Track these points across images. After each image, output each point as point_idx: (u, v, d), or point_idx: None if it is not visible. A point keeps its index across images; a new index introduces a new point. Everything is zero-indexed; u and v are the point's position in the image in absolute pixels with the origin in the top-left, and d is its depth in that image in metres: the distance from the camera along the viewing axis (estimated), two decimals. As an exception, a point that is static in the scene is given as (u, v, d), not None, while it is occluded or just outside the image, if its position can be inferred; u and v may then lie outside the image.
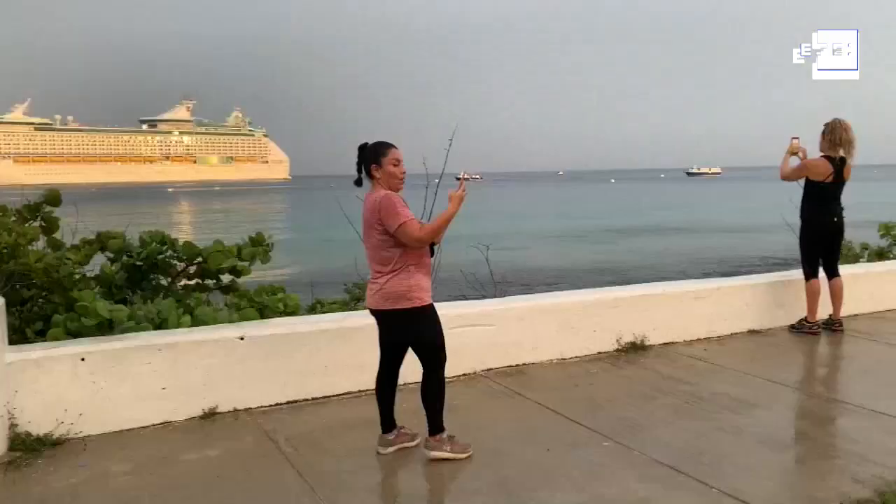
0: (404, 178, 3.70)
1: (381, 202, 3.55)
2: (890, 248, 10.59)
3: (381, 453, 3.83)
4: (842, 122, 6.22)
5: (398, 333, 3.75)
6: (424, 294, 3.65)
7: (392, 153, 3.65)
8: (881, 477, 3.36)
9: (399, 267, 3.60)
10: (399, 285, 3.59)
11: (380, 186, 3.64)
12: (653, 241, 31.72)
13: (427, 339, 3.71)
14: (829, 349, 6.00)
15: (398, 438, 3.88)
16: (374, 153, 3.65)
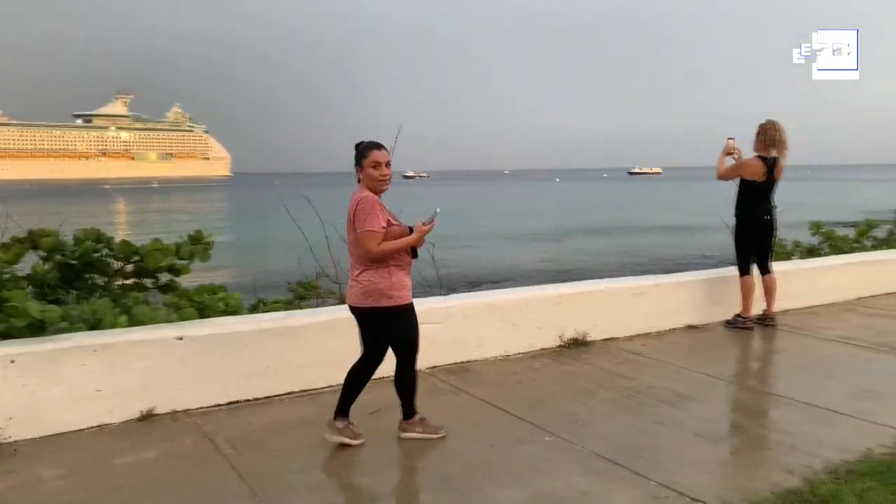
0: (387, 179, 3.71)
1: (358, 204, 3.61)
2: (820, 245, 10.99)
3: (327, 438, 3.85)
4: (774, 124, 6.43)
5: (378, 331, 3.78)
6: (405, 292, 3.71)
7: (372, 155, 3.66)
8: (810, 466, 3.49)
9: (374, 265, 3.62)
10: (380, 283, 3.62)
11: (363, 187, 3.68)
12: (595, 240, 32.25)
13: (406, 337, 3.79)
14: (762, 343, 6.20)
15: (345, 431, 3.84)
16: (357, 154, 3.69)
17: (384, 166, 3.67)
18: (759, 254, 6.60)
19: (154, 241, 5.68)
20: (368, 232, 3.56)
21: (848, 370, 5.22)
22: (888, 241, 10.83)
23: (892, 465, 3.44)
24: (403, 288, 3.69)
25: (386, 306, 3.64)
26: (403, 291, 3.69)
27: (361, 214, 3.58)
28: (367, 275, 3.64)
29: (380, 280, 3.62)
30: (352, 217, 3.64)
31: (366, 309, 3.68)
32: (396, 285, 3.65)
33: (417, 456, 3.77)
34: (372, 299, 3.63)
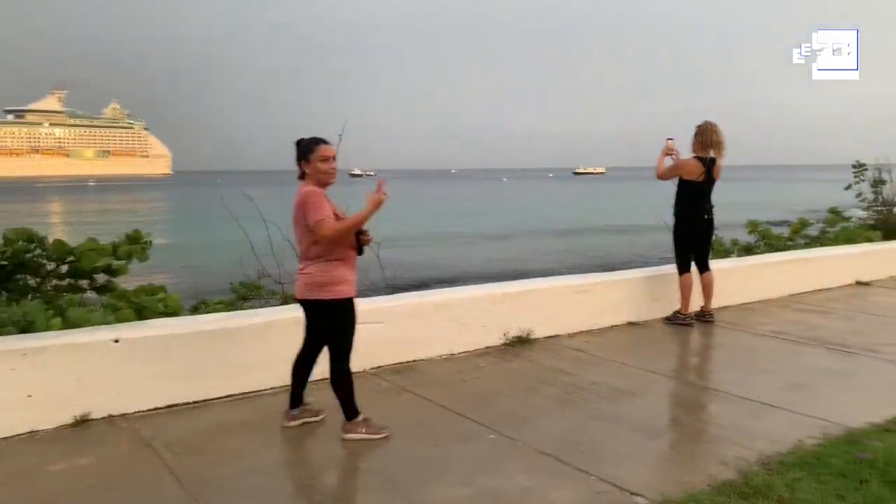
0: (334, 173, 3.83)
1: (305, 197, 3.70)
2: (757, 243, 11.33)
3: (287, 426, 4.03)
4: (711, 125, 6.60)
5: (320, 321, 3.89)
6: (346, 287, 3.80)
7: (320, 150, 3.78)
8: (744, 458, 3.59)
9: (323, 259, 3.74)
10: (322, 276, 3.74)
11: (309, 181, 3.78)
12: (540, 240, 32.57)
13: (340, 331, 3.87)
14: (700, 339, 6.36)
15: (302, 413, 4.08)
16: (304, 149, 3.79)
17: (331, 160, 3.82)
18: (697, 252, 6.76)
19: (90, 240, 5.52)
20: (319, 221, 3.65)
21: (781, 364, 5.39)
22: (820, 239, 11.22)
23: (820, 455, 3.56)
24: (344, 282, 3.79)
25: (327, 299, 3.76)
26: (344, 286, 3.79)
27: (311, 207, 3.68)
28: (311, 268, 3.77)
29: (322, 273, 3.75)
30: (299, 212, 3.74)
31: (308, 301, 3.82)
32: (337, 279, 3.76)
33: (360, 456, 3.75)
34: (314, 291, 3.77)
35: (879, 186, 13.05)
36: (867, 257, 9.12)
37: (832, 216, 11.80)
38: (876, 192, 13.09)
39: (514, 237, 33.94)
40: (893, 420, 4.07)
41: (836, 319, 6.84)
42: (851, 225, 11.87)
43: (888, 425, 3.99)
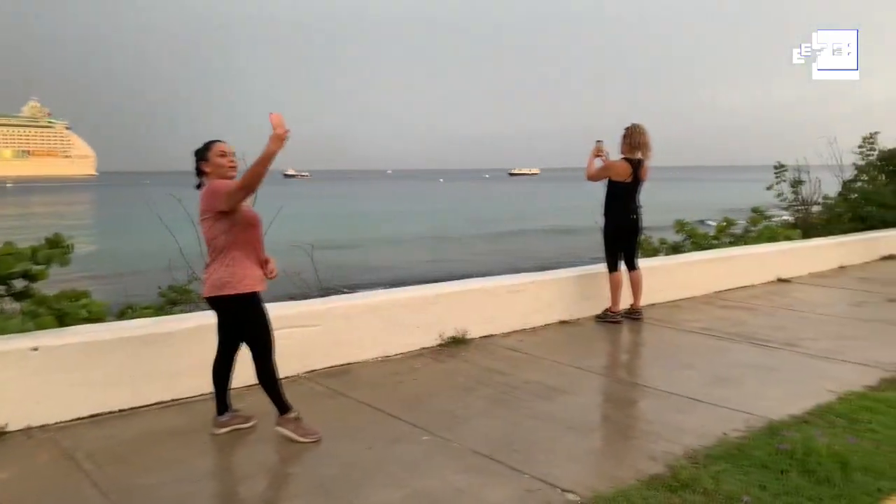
0: (234, 166, 3.86)
1: (206, 191, 3.76)
2: (684, 242, 11.67)
3: (216, 433, 3.98)
4: (638, 127, 6.76)
5: (228, 319, 3.91)
6: (249, 282, 3.79)
7: (216, 146, 3.86)
8: (672, 452, 3.68)
9: (224, 255, 3.77)
10: (223, 273, 3.76)
11: (211, 178, 3.82)
12: (475, 240, 32.78)
13: (253, 327, 3.87)
14: (630, 336, 6.50)
15: (232, 420, 4.04)
16: (200, 151, 3.86)
17: (229, 154, 3.86)
18: (626, 251, 6.91)
19: (6, 244, 5.28)
20: (227, 187, 3.68)
21: (707, 360, 5.55)
22: (743, 238, 11.63)
23: (743, 447, 3.68)
24: (247, 277, 3.80)
25: (229, 294, 3.77)
26: (247, 281, 3.80)
27: (214, 191, 3.73)
28: (215, 265, 3.80)
29: (224, 270, 3.77)
30: (203, 206, 3.77)
31: (214, 298, 3.82)
32: (238, 275, 3.77)
33: (292, 461, 3.69)
34: (216, 288, 3.78)
35: (798, 187, 13.61)
36: (787, 255, 9.50)
37: (755, 216, 12.24)
38: (795, 192, 13.65)
39: (448, 237, 34.07)
40: (811, 412, 4.25)
41: (758, 315, 7.09)
42: (773, 224, 12.35)
43: (806, 417, 4.16)
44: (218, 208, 3.72)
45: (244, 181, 3.64)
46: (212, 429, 4.02)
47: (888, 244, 11.13)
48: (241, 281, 3.78)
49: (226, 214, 3.74)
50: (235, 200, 3.69)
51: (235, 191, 3.66)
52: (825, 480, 3.28)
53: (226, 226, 3.75)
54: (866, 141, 14.82)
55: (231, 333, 3.99)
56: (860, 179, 14.33)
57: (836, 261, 10.11)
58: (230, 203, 3.70)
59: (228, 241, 3.76)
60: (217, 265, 3.79)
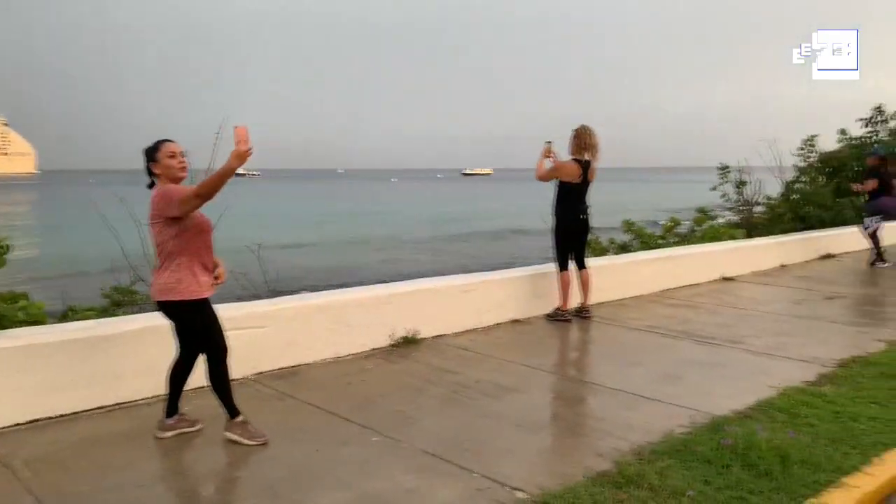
0: (184, 167, 3.79)
1: (158, 195, 3.69)
2: (631, 242, 11.87)
3: (160, 437, 3.90)
4: (587, 128, 6.85)
5: (179, 324, 3.84)
6: (196, 288, 3.74)
7: (166, 147, 3.78)
8: (619, 449, 3.74)
9: (173, 260, 3.71)
10: (171, 278, 3.71)
11: (163, 181, 3.76)
12: (427, 240, 32.78)
13: (204, 331, 3.83)
14: (579, 334, 6.58)
15: (178, 423, 4.00)
16: (149, 152, 3.79)
17: (179, 155, 3.79)
18: (575, 250, 6.99)
19: (-64, 246, 5.08)
20: (181, 194, 3.62)
21: (653, 357, 5.65)
22: (689, 238, 11.88)
23: (688, 443, 3.76)
24: (194, 283, 3.75)
25: (175, 300, 3.72)
26: (193, 286, 3.75)
27: (166, 198, 3.66)
28: (163, 270, 3.74)
29: (171, 275, 3.72)
30: (153, 212, 3.70)
31: (163, 303, 3.77)
32: (185, 280, 3.73)
33: (239, 465, 3.64)
34: (163, 293, 3.73)
35: (741, 188, 13.97)
36: (731, 254, 9.73)
37: (700, 216, 12.52)
38: (739, 192, 14.01)
39: (400, 238, 34.01)
40: (753, 407, 4.35)
41: (703, 313, 7.25)
42: (717, 224, 12.65)
43: (748, 412, 4.26)
44: (169, 214, 3.66)
45: (200, 190, 3.58)
46: (156, 432, 3.95)
47: (827, 243, 11.48)
48: (189, 287, 3.73)
49: (177, 219, 3.69)
50: (189, 208, 3.65)
51: (189, 199, 3.60)
52: (765, 474, 3.37)
53: (176, 231, 3.70)
54: (806, 143, 15.30)
55: (187, 337, 3.92)
56: (800, 181, 14.79)
57: (777, 260, 10.39)
58: (183, 210, 3.65)
59: (178, 246, 3.71)
60: (165, 270, 3.73)
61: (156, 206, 3.69)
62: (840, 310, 7.51)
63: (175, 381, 4.00)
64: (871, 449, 3.73)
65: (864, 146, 14.79)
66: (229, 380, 3.92)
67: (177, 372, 3.99)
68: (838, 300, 7.98)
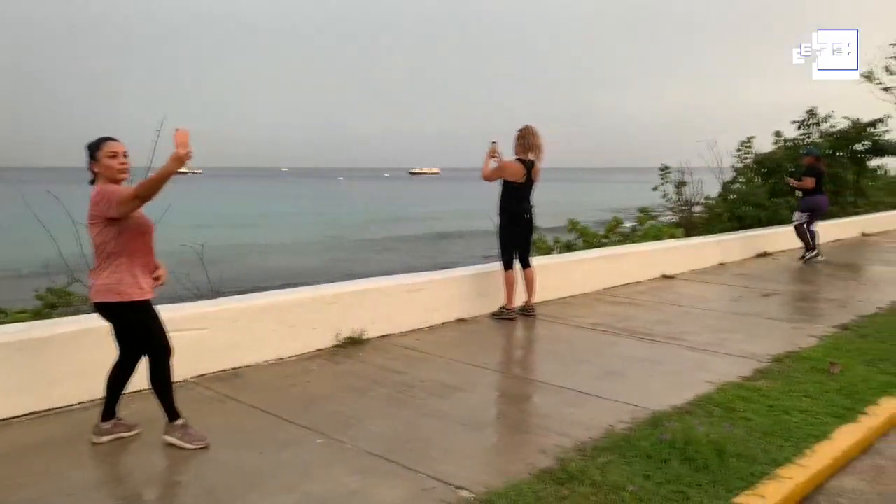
0: (125, 168, 3.70)
1: (97, 195, 3.60)
2: (576, 241, 12.04)
3: (96, 442, 3.81)
4: (531, 129, 6.92)
5: (116, 326, 3.77)
6: (134, 290, 3.67)
7: (107, 146, 3.68)
8: (561, 446, 3.78)
9: (112, 261, 3.65)
10: (111, 279, 3.64)
11: (102, 181, 3.67)
12: (373, 240, 32.64)
13: (145, 333, 3.76)
14: (524, 332, 6.64)
15: (115, 428, 3.87)
16: (90, 150, 3.70)
17: (120, 155, 3.69)
18: (520, 249, 7.05)
19: None
20: (119, 195, 3.55)
21: (596, 354, 5.73)
22: (631, 237, 12.11)
23: (629, 439, 3.82)
24: (133, 285, 3.68)
25: (114, 301, 3.65)
26: (132, 288, 3.68)
27: (105, 198, 3.58)
28: (102, 271, 3.66)
29: (109, 276, 3.64)
30: (92, 212, 3.63)
31: (103, 304, 3.69)
32: (126, 282, 3.66)
33: (179, 469, 3.56)
34: (101, 294, 3.66)
35: (681, 188, 14.30)
36: (672, 253, 9.95)
37: (642, 215, 12.77)
38: (679, 193, 14.34)
39: (345, 238, 33.79)
40: (692, 402, 4.46)
41: (644, 311, 7.39)
42: (659, 223, 12.93)
43: (687, 407, 4.36)
44: (108, 215, 3.59)
45: (138, 192, 3.52)
46: (92, 437, 3.84)
47: (763, 242, 11.83)
48: (129, 288, 3.67)
49: (116, 220, 3.62)
50: (128, 209, 3.58)
51: (128, 200, 3.54)
52: (703, 467, 3.45)
53: (115, 231, 3.64)
54: (743, 145, 15.76)
55: (127, 340, 3.84)
56: (738, 181, 15.23)
57: (716, 258, 10.67)
58: (121, 212, 3.58)
59: (118, 247, 3.65)
60: (104, 271, 3.66)
61: (94, 207, 3.62)
62: (775, 306, 7.75)
63: (114, 384, 3.90)
64: (804, 441, 3.86)
65: (797, 147, 15.31)
66: (171, 382, 3.85)
67: (116, 375, 3.90)
68: (774, 297, 8.23)
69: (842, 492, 3.57)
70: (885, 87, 23.27)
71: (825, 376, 4.98)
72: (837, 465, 3.78)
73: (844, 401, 4.50)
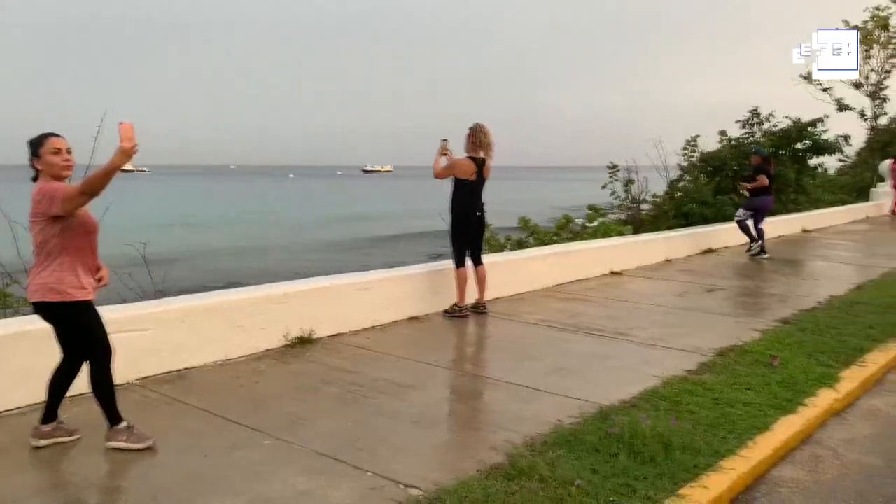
0: (69, 165, 3.61)
1: (40, 192, 3.51)
2: (527, 238, 12.13)
3: (35, 445, 3.70)
4: (482, 127, 6.94)
5: (56, 327, 3.67)
6: (76, 290, 3.58)
7: (50, 142, 3.59)
8: (511, 442, 3.80)
9: (54, 260, 3.56)
10: (51, 279, 3.55)
11: (45, 178, 3.58)
12: (322, 240, 32.37)
13: (85, 334, 3.67)
14: (476, 330, 6.66)
15: (55, 431, 3.76)
16: (32, 146, 3.61)
17: (63, 152, 3.60)
18: (472, 247, 7.07)
19: None
20: (61, 198, 3.46)
21: (546, 350, 5.79)
22: (581, 234, 12.26)
23: (577, 433, 3.87)
24: (74, 285, 3.60)
25: (54, 301, 3.56)
26: (74, 289, 3.59)
27: (48, 196, 3.48)
28: (42, 269, 3.57)
29: (51, 275, 3.55)
30: (34, 210, 3.52)
31: (42, 304, 3.59)
32: (67, 281, 3.57)
33: (122, 474, 3.48)
34: (40, 294, 3.56)
35: (629, 186, 14.54)
36: (620, 249, 10.10)
37: (592, 213, 12.94)
38: (627, 191, 14.57)
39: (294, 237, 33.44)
40: (638, 396, 4.53)
41: (594, 307, 7.49)
42: (608, 221, 13.11)
43: (634, 401, 4.43)
44: (52, 213, 3.49)
45: (84, 188, 3.44)
46: (31, 440, 3.73)
47: (708, 239, 12.09)
48: (71, 288, 3.57)
49: (60, 218, 3.52)
50: (73, 206, 3.49)
51: (74, 197, 3.46)
52: (650, 460, 3.51)
53: (58, 229, 3.54)
54: (689, 144, 16.08)
55: (71, 342, 3.73)
56: (684, 179, 15.54)
57: (662, 255, 10.86)
58: (66, 209, 3.48)
59: (61, 245, 3.55)
60: (45, 269, 3.56)
61: (37, 204, 3.52)
62: (720, 301, 7.93)
63: (56, 387, 3.79)
64: (746, 433, 3.96)
65: (741, 146, 15.68)
66: (113, 385, 3.76)
67: (58, 378, 3.79)
68: (718, 292, 8.42)
69: (782, 481, 3.68)
70: (823, 88, 24.08)
71: (767, 369, 5.12)
72: (778, 456, 3.90)
73: (785, 392, 4.63)
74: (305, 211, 51.10)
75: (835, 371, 5.15)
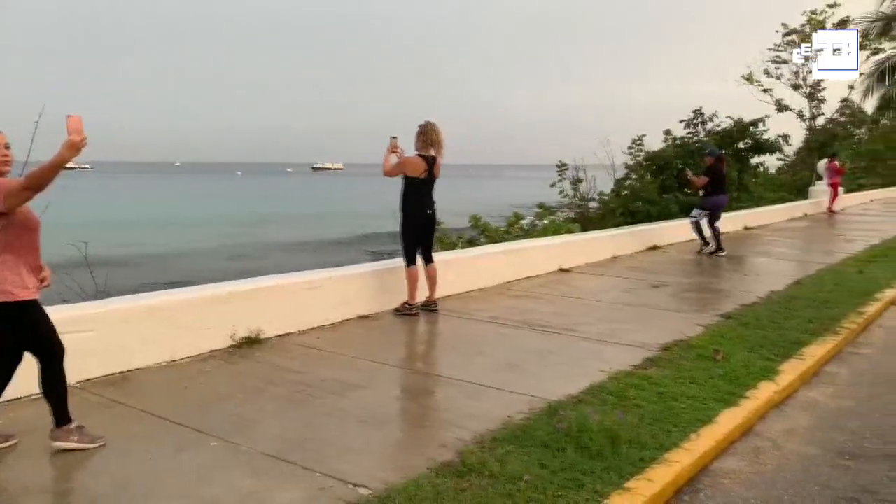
0: (8, 160, 3.51)
1: None
2: (478, 236, 12.19)
3: None
4: (432, 125, 6.94)
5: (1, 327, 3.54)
6: (20, 289, 3.47)
7: None
8: (461, 439, 3.81)
9: None
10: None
11: None
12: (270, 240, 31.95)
13: (32, 334, 3.58)
14: (426, 328, 6.66)
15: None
16: None
17: (3, 147, 3.50)
18: (422, 245, 7.06)
19: None
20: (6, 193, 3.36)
21: (496, 347, 5.82)
22: (530, 232, 12.37)
23: (526, 428, 3.90)
24: (16, 285, 3.49)
25: (3, 301, 3.45)
26: (16, 288, 3.49)
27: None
28: None
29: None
30: None
31: None
32: (10, 280, 3.47)
33: (62, 479, 3.39)
34: None
35: (578, 184, 14.72)
36: (568, 247, 10.22)
37: (541, 211, 13.07)
38: (575, 189, 14.76)
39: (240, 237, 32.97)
40: (586, 391, 4.59)
41: (542, 303, 7.56)
42: (557, 219, 13.26)
43: (582, 396, 4.49)
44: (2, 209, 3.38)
45: (28, 183, 3.34)
46: None
47: (654, 236, 12.32)
48: (14, 288, 3.47)
49: (2, 215, 3.41)
50: (16, 202, 3.39)
51: (17, 192, 3.35)
52: (597, 454, 3.56)
53: (0, 227, 3.43)
54: (635, 143, 16.37)
55: (7, 343, 3.61)
56: (630, 178, 15.82)
57: (610, 252, 11.03)
58: (9, 205, 3.38)
59: (2, 243, 3.45)
60: None
61: None
62: (665, 297, 8.08)
63: None
64: (690, 426, 4.05)
65: (685, 145, 16.04)
66: (66, 383, 3.68)
67: None
68: (663, 288, 8.59)
69: (724, 473, 3.77)
70: (764, 89, 24.77)
71: (710, 363, 5.24)
72: (721, 448, 3.99)
73: (728, 386, 4.75)
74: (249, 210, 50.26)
75: (775, 364, 5.30)
